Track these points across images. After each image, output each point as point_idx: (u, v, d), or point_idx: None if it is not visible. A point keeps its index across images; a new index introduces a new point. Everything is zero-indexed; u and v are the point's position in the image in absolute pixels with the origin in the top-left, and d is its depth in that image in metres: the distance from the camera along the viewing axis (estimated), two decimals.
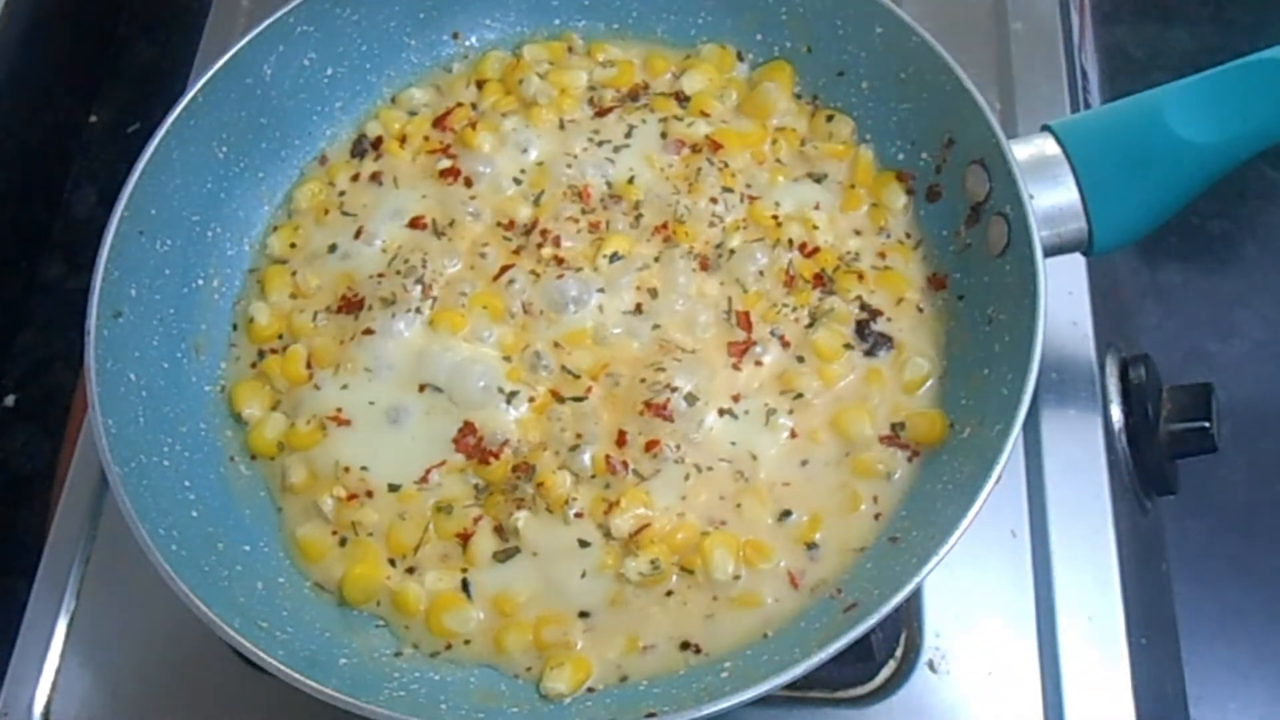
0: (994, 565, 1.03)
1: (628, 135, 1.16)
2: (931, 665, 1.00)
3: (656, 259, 1.09)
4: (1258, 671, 1.17)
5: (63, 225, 1.42)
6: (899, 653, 1.01)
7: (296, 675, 0.85)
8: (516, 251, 1.11)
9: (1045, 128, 1.03)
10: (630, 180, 1.13)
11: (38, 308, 1.37)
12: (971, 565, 1.02)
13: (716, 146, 1.14)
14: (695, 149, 1.14)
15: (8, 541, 1.24)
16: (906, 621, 1.02)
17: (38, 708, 1.02)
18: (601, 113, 1.17)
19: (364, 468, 1.02)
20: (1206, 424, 1.07)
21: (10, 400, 1.32)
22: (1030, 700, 0.99)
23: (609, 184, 1.13)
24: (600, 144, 1.15)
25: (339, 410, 1.04)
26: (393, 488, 1.01)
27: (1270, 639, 1.18)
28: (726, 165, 1.13)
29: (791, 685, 0.85)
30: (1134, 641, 1.00)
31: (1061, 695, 0.98)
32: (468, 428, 1.03)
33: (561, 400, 1.03)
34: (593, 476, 1.00)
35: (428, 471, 1.02)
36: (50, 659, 1.04)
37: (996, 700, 0.99)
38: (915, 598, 1.02)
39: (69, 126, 1.46)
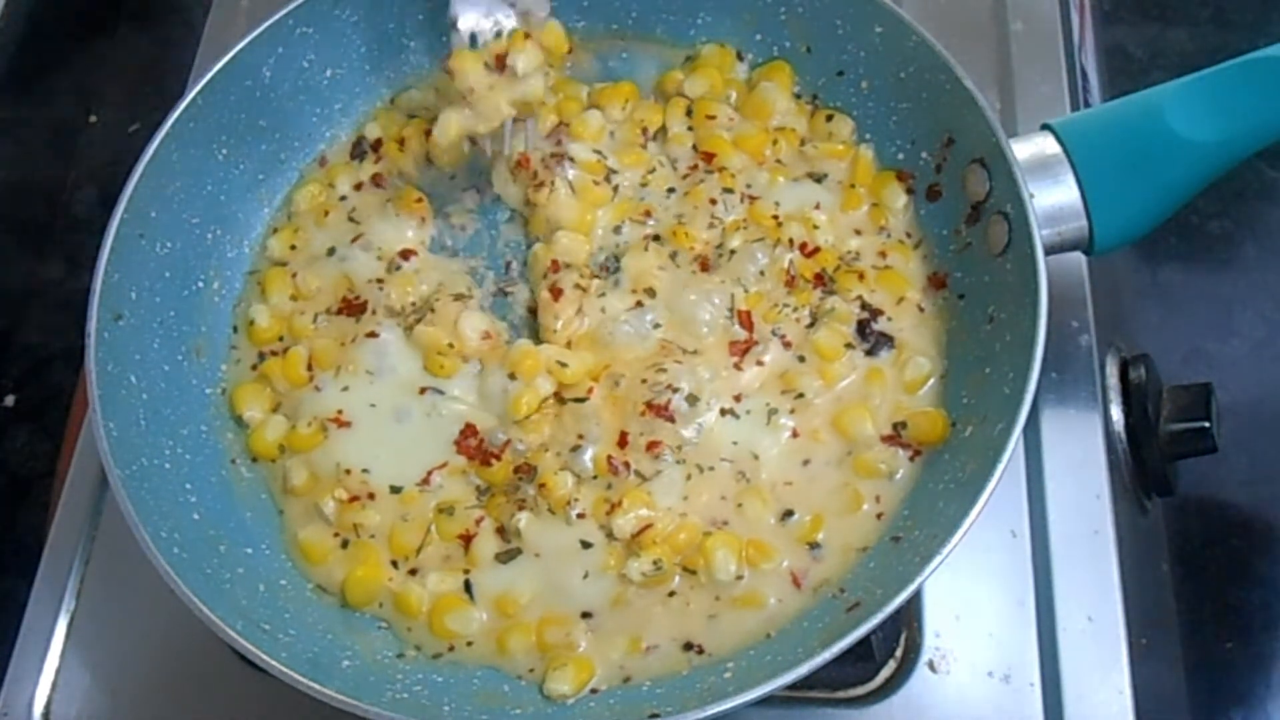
0: (994, 565, 1.03)
1: None
2: (931, 665, 1.00)
3: (661, 267, 1.09)
4: (1258, 672, 1.17)
5: (63, 225, 1.42)
6: (899, 653, 1.01)
7: (299, 678, 0.85)
8: None
9: (1045, 126, 1.03)
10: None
11: (38, 308, 1.37)
12: (971, 565, 1.02)
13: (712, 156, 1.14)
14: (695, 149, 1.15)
15: (8, 541, 1.24)
16: (906, 621, 1.02)
17: (38, 708, 1.02)
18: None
19: (365, 470, 1.02)
20: (1206, 424, 1.06)
21: (10, 400, 1.32)
22: (1030, 700, 0.99)
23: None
24: None
25: (339, 412, 1.04)
26: (394, 489, 1.02)
27: (1270, 639, 1.18)
28: (725, 167, 1.13)
29: (792, 685, 0.85)
30: (1134, 641, 1.00)
31: (1061, 695, 0.98)
32: (469, 429, 1.03)
33: (563, 401, 1.03)
34: (594, 477, 1.00)
35: (429, 473, 1.02)
36: (50, 659, 1.04)
37: (996, 700, 0.99)
38: (915, 598, 1.02)
39: (69, 126, 1.46)
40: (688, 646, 0.96)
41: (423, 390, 1.05)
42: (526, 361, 1.03)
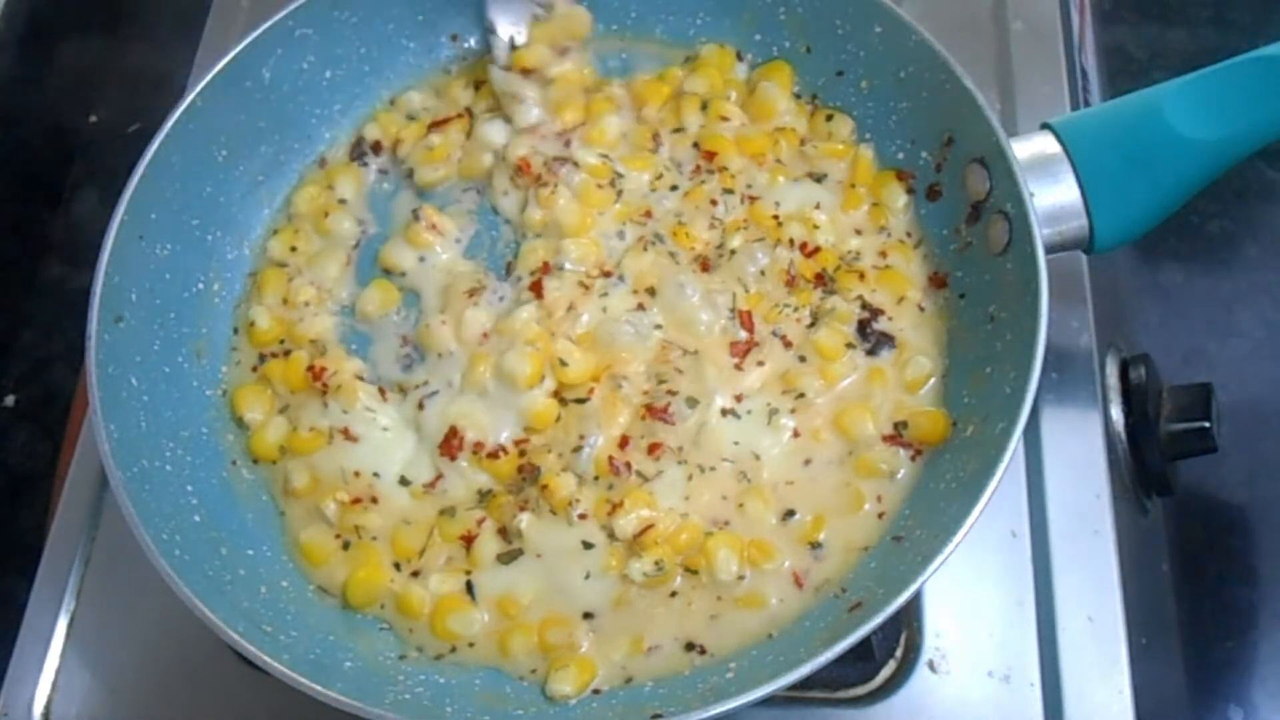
0: (994, 565, 1.03)
1: None
2: (931, 665, 1.00)
3: (661, 268, 1.08)
4: (1257, 671, 1.17)
5: (63, 225, 1.42)
6: (899, 653, 1.01)
7: (302, 679, 0.85)
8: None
9: (1045, 126, 1.03)
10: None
11: (38, 308, 1.37)
12: (971, 565, 1.02)
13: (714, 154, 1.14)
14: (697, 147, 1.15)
15: (8, 541, 1.24)
16: (906, 621, 1.02)
17: (38, 708, 1.02)
18: None
19: (376, 474, 1.02)
20: (1206, 424, 1.07)
21: (10, 400, 1.32)
22: (1030, 700, 0.99)
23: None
24: None
25: (346, 429, 1.04)
26: (403, 482, 1.02)
27: (1270, 639, 1.18)
28: (725, 167, 1.13)
29: (792, 685, 0.85)
30: (1134, 641, 1.00)
31: (1061, 695, 0.98)
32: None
33: (564, 402, 1.03)
34: (596, 478, 1.00)
35: (438, 477, 1.02)
36: (50, 659, 1.04)
37: (996, 700, 0.99)
38: (915, 598, 1.02)
39: (69, 126, 1.46)
40: (690, 647, 0.96)
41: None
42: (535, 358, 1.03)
